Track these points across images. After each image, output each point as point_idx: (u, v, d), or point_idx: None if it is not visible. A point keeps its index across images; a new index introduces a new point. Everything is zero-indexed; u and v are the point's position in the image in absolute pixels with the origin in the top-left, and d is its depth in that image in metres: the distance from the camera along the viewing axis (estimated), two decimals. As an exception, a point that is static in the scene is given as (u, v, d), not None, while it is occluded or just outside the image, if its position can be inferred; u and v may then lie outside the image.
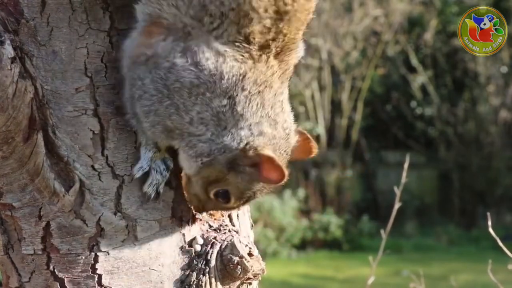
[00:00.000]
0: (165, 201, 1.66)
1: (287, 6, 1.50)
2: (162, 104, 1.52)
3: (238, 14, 1.47)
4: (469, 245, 13.11)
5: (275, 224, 12.61)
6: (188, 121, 1.52)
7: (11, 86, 1.49)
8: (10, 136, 1.52)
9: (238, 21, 1.47)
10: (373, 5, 14.96)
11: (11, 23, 1.56)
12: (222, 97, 1.50)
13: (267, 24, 1.49)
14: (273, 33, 1.50)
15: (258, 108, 1.53)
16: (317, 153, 1.68)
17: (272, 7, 1.48)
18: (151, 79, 1.51)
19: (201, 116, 1.51)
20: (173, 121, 1.53)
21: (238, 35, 1.49)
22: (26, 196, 1.59)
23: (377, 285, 3.70)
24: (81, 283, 1.61)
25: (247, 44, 1.49)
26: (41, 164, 1.56)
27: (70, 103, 1.59)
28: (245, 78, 1.50)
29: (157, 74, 1.51)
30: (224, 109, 1.51)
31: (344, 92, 15.03)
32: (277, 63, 1.55)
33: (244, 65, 1.50)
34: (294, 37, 1.55)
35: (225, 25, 1.48)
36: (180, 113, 1.52)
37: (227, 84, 1.49)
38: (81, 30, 1.58)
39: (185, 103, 1.51)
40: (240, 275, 1.67)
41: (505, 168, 15.14)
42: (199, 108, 1.51)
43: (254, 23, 1.48)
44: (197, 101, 1.50)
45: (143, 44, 1.52)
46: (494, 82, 15.32)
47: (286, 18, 1.50)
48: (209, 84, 1.49)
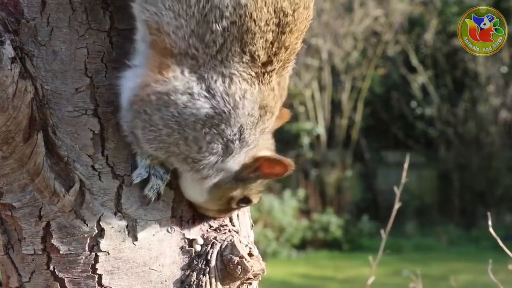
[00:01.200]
0: (165, 201, 1.66)
1: (288, 17, 1.48)
2: (170, 137, 1.51)
3: (240, 28, 1.45)
4: (469, 245, 13.11)
5: (275, 224, 12.61)
6: (197, 150, 1.52)
7: (11, 86, 1.49)
8: (10, 136, 1.52)
9: (241, 38, 1.45)
10: (373, 5, 14.96)
11: (11, 23, 1.56)
12: (234, 126, 1.51)
13: (269, 38, 1.47)
14: (275, 48, 1.49)
15: (260, 133, 1.55)
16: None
17: (273, 19, 1.46)
18: (161, 117, 1.49)
19: (211, 146, 1.52)
20: (179, 148, 1.53)
21: (244, 54, 1.47)
22: (26, 196, 1.59)
23: (377, 285, 3.71)
24: (81, 283, 1.61)
25: (253, 62, 1.48)
26: (41, 164, 1.56)
27: (70, 103, 1.59)
28: (255, 104, 1.51)
29: (169, 112, 1.49)
30: (234, 138, 1.52)
31: (344, 92, 15.03)
32: (277, 83, 1.54)
33: (254, 90, 1.49)
34: (294, 48, 1.54)
35: (228, 43, 1.45)
36: (188, 143, 1.52)
37: (241, 113, 1.49)
38: (81, 30, 1.58)
39: (196, 135, 1.50)
40: (240, 275, 1.67)
41: (505, 168, 15.14)
42: (210, 138, 1.51)
43: (256, 39, 1.46)
44: (210, 131, 1.50)
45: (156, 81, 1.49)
46: (494, 82, 15.32)
47: (287, 29, 1.49)
48: (224, 115, 1.48)
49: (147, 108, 1.50)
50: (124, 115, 1.56)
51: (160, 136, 1.52)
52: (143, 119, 1.51)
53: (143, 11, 1.49)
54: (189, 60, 1.47)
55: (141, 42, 1.53)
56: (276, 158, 1.56)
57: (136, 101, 1.51)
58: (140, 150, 1.58)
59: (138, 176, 1.60)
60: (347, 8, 15.24)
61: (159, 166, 1.60)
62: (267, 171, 1.58)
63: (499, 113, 15.35)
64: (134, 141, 1.58)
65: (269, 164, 1.56)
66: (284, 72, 1.56)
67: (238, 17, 1.44)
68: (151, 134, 1.52)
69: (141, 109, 1.51)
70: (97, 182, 1.61)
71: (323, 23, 14.32)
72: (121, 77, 1.56)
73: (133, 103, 1.52)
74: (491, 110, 15.44)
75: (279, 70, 1.53)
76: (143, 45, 1.53)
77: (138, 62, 1.54)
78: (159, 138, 1.52)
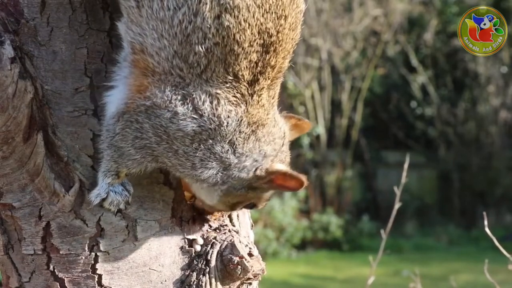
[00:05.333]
0: (165, 201, 1.66)
1: (272, 37, 1.48)
2: (160, 145, 1.52)
3: (223, 49, 1.45)
4: (469, 245, 13.10)
5: (275, 224, 12.61)
6: (190, 166, 1.53)
7: (11, 86, 1.49)
8: (10, 136, 1.52)
9: (224, 59, 1.46)
10: (372, 5, 14.95)
11: (11, 23, 1.56)
12: (223, 142, 1.51)
13: (254, 58, 1.48)
14: (260, 67, 1.49)
15: (255, 143, 1.55)
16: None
17: (257, 40, 1.47)
18: (151, 125, 1.50)
19: (205, 163, 1.53)
20: (171, 160, 1.54)
21: (227, 75, 1.47)
22: (26, 196, 1.59)
23: (377, 285, 3.70)
24: (81, 283, 1.61)
25: (237, 83, 1.48)
26: (41, 164, 1.56)
27: (70, 103, 1.59)
28: (242, 122, 1.51)
29: (158, 121, 1.50)
30: (226, 154, 1.53)
31: (344, 92, 15.03)
32: (267, 98, 1.55)
33: (239, 109, 1.50)
34: (281, 67, 1.55)
35: (212, 64, 1.46)
36: (179, 157, 1.52)
37: (226, 131, 1.50)
38: (81, 30, 1.58)
39: (186, 150, 1.51)
40: (240, 275, 1.67)
41: (505, 168, 15.14)
42: (201, 154, 1.52)
43: (240, 59, 1.46)
44: (199, 147, 1.51)
45: (137, 98, 1.50)
46: (494, 82, 15.32)
47: (271, 49, 1.49)
48: (210, 132, 1.49)
49: (139, 117, 1.51)
50: (109, 125, 1.55)
51: (151, 144, 1.52)
52: (135, 128, 1.52)
53: (128, 31, 1.49)
54: (176, 78, 1.47)
55: (123, 61, 1.54)
56: (292, 174, 1.57)
57: (127, 111, 1.52)
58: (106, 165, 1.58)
59: (97, 196, 1.59)
60: (346, 8, 15.24)
61: (118, 185, 1.60)
62: (280, 183, 1.59)
63: (499, 113, 15.35)
64: (110, 156, 1.56)
65: (284, 178, 1.57)
66: (274, 85, 1.56)
67: (221, 39, 1.44)
68: (142, 142, 1.53)
69: (132, 118, 1.51)
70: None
71: (322, 22, 14.32)
72: (105, 95, 1.56)
73: (124, 113, 1.52)
74: (491, 110, 15.44)
75: (268, 87, 1.54)
76: (125, 63, 1.53)
77: (120, 82, 1.54)
78: (149, 145, 1.52)
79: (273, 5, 1.47)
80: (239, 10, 1.44)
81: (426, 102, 15.81)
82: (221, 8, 1.43)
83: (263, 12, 1.46)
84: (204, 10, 1.43)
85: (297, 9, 1.53)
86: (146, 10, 1.46)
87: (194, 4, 1.43)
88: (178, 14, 1.44)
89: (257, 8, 1.45)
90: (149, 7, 1.45)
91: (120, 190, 1.60)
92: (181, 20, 1.44)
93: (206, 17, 1.43)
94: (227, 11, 1.43)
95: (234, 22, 1.44)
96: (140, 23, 1.47)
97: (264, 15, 1.46)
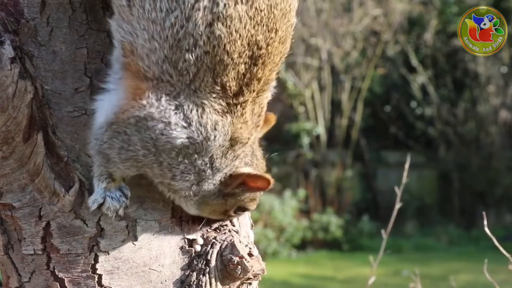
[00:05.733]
0: (165, 201, 1.66)
1: (261, 50, 1.48)
2: (147, 157, 1.52)
3: (213, 59, 1.45)
4: (469, 245, 13.11)
5: (275, 224, 12.61)
6: (170, 177, 1.54)
7: (11, 86, 1.49)
8: (10, 136, 1.52)
9: (213, 68, 1.46)
10: (372, 5, 14.96)
11: (11, 23, 1.56)
12: (205, 156, 1.52)
13: (241, 70, 1.48)
14: (247, 79, 1.50)
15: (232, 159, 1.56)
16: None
17: (246, 52, 1.46)
18: (140, 138, 1.50)
19: (184, 175, 1.54)
20: (153, 170, 1.55)
21: (215, 85, 1.47)
22: (26, 196, 1.59)
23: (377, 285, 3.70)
24: (81, 283, 1.61)
25: (224, 92, 1.49)
26: (41, 164, 1.56)
27: (70, 103, 1.59)
28: (226, 135, 1.52)
29: (147, 135, 1.49)
30: (205, 167, 1.54)
31: (344, 92, 15.03)
32: (251, 111, 1.54)
33: (225, 121, 1.50)
34: (268, 79, 1.55)
35: (201, 73, 1.45)
36: (163, 169, 1.53)
37: (210, 143, 1.51)
38: (81, 30, 1.58)
39: (170, 162, 1.52)
40: (240, 275, 1.67)
41: (505, 168, 15.14)
42: (183, 167, 1.53)
43: (228, 70, 1.46)
44: (183, 161, 1.52)
45: (132, 106, 1.50)
46: (494, 82, 15.32)
47: (260, 62, 1.49)
48: (197, 145, 1.50)
49: (127, 129, 1.50)
50: (98, 135, 1.54)
51: (137, 156, 1.52)
52: (122, 139, 1.51)
53: (119, 29, 1.49)
54: (167, 87, 1.47)
55: (115, 63, 1.53)
56: (256, 174, 1.59)
57: (115, 122, 1.51)
58: (98, 170, 1.58)
59: (95, 202, 1.59)
60: (346, 8, 15.24)
61: (116, 189, 1.60)
62: (252, 185, 1.60)
63: (499, 113, 15.35)
64: (100, 162, 1.56)
65: (251, 179, 1.59)
66: (259, 99, 1.56)
67: (211, 48, 1.44)
68: (128, 154, 1.52)
69: (120, 130, 1.51)
70: (97, 182, 1.61)
71: (322, 22, 14.32)
72: (97, 100, 1.55)
73: (112, 123, 1.52)
74: (491, 110, 15.44)
75: (253, 100, 1.54)
76: (117, 66, 1.53)
77: (113, 85, 1.53)
78: (135, 157, 1.52)
79: (264, 18, 1.47)
80: (231, 20, 1.43)
81: (426, 102, 15.81)
82: (214, 16, 1.43)
83: (255, 23, 1.46)
84: (197, 17, 1.42)
85: (288, 23, 1.52)
86: (137, 9, 1.45)
87: (187, 9, 1.42)
88: (171, 17, 1.43)
89: (249, 19, 1.45)
90: (140, 7, 1.44)
91: (118, 195, 1.59)
92: (173, 23, 1.43)
93: (198, 23, 1.42)
94: (220, 20, 1.43)
95: (225, 32, 1.43)
96: (131, 21, 1.46)
97: (255, 27, 1.46)
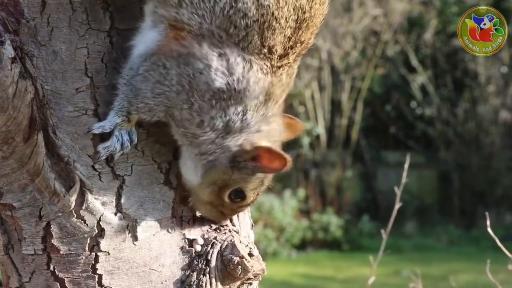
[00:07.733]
0: (165, 201, 1.66)
1: (306, 13, 1.56)
2: (179, 95, 1.54)
3: (262, 25, 1.52)
4: (469, 245, 13.10)
5: (275, 224, 12.61)
6: (198, 123, 1.55)
7: (11, 86, 1.49)
8: (10, 136, 1.52)
9: (262, 33, 1.52)
10: (372, 5, 14.95)
11: (11, 23, 1.56)
12: (239, 105, 1.55)
13: (288, 33, 1.55)
14: (292, 42, 1.56)
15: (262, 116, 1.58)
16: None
17: (292, 16, 1.54)
18: (178, 72, 1.53)
19: (213, 122, 1.55)
20: (182, 114, 1.55)
21: (263, 48, 1.54)
22: (27, 196, 1.59)
23: (377, 285, 3.70)
24: (81, 283, 1.61)
25: (270, 55, 1.55)
26: (42, 164, 1.56)
27: (71, 103, 1.59)
28: (263, 91, 1.56)
29: (186, 71, 1.53)
30: (236, 118, 1.56)
31: (344, 92, 15.03)
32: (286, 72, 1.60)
33: (267, 79, 1.56)
34: (308, 43, 1.61)
35: (249, 36, 1.52)
36: (192, 112, 1.54)
37: (248, 95, 1.54)
38: (81, 30, 1.58)
39: (201, 105, 1.54)
40: (241, 275, 1.67)
41: (505, 168, 15.13)
42: (214, 113, 1.54)
43: (276, 34, 1.53)
44: (215, 105, 1.54)
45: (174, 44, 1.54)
46: (494, 82, 15.31)
47: (304, 25, 1.57)
48: (234, 92, 1.53)
49: (167, 62, 1.54)
50: (135, 63, 1.56)
51: (170, 92, 1.54)
52: (159, 73, 1.54)
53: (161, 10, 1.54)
54: (212, 39, 1.52)
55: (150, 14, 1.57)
56: (276, 151, 1.57)
57: (156, 53, 1.54)
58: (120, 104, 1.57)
59: (100, 127, 1.58)
60: (346, 8, 15.23)
61: (125, 131, 1.59)
62: (265, 164, 1.58)
63: (499, 113, 15.34)
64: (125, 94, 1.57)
65: (268, 156, 1.57)
66: (295, 64, 1.62)
67: (260, 16, 1.51)
68: (162, 89, 1.55)
69: (160, 62, 1.54)
70: (97, 182, 1.61)
71: (322, 22, 14.30)
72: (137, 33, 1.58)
73: (153, 54, 1.55)
74: (491, 110, 15.43)
75: (292, 63, 1.60)
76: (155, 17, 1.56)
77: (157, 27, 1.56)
78: (168, 93, 1.54)
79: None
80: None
81: (426, 102, 15.81)
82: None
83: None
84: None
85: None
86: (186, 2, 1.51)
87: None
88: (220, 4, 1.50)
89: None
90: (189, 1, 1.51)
91: (125, 139, 1.58)
92: (222, 7, 1.50)
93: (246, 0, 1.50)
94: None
95: (273, 0, 1.51)
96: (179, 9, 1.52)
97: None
